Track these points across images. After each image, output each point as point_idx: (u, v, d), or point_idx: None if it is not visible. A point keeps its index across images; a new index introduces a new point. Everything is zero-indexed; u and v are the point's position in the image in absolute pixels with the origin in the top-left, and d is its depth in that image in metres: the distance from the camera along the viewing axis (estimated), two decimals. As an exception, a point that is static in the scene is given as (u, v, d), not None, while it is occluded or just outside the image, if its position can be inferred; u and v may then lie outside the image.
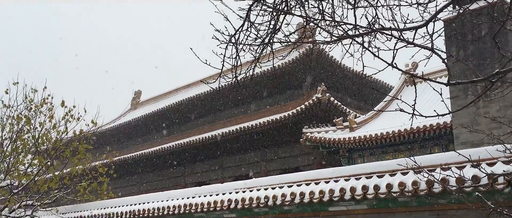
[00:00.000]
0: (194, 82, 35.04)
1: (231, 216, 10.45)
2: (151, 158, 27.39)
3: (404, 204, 7.83)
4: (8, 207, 14.31)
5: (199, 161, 26.46)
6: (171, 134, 30.82)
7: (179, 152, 26.03)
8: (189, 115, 29.44)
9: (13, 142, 14.22)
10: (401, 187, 7.53)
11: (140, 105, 39.86)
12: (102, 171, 15.89)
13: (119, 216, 12.85)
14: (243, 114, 26.52)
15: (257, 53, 5.39)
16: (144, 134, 32.93)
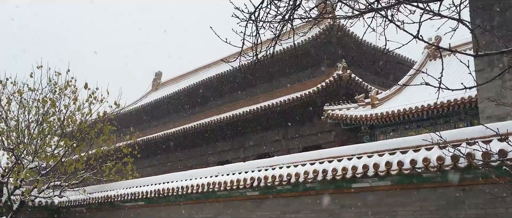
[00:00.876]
0: (214, 62, 35.07)
1: (254, 194, 10.53)
2: (173, 138, 27.69)
3: (429, 179, 7.76)
4: (37, 187, 14.72)
5: (221, 140, 26.64)
6: (192, 114, 31.05)
7: (200, 132, 26.23)
8: (209, 94, 29.56)
9: (40, 125, 14.51)
10: (426, 162, 7.45)
11: (161, 86, 40.17)
12: (126, 152, 16.15)
13: (144, 195, 13.08)
14: (263, 93, 26.49)
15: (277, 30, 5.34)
16: (166, 114, 33.24)
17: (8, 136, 14.35)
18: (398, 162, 7.81)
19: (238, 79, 27.23)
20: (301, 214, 9.59)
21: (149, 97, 37.68)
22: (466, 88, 3.43)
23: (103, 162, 16.01)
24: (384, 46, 4.07)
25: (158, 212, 13.18)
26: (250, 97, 27.25)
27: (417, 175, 7.78)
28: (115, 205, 14.53)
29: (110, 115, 16.00)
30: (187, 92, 29.95)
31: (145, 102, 33.85)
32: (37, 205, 16.13)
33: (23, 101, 14.68)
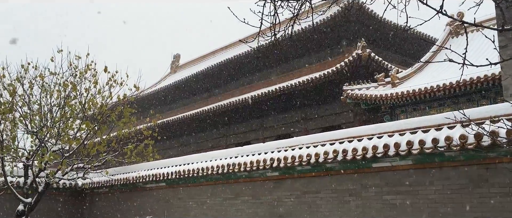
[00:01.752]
0: (232, 44, 34.99)
1: (274, 174, 10.57)
2: (193, 120, 27.87)
3: (451, 158, 7.66)
4: (61, 170, 15.03)
5: (240, 121, 26.72)
6: (211, 96, 31.15)
7: (219, 114, 26.33)
8: (228, 76, 29.57)
9: (62, 108, 14.73)
10: (448, 141, 7.34)
11: (180, 69, 40.34)
12: (147, 134, 16.32)
13: (165, 176, 13.25)
14: (282, 73, 26.37)
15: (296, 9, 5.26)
16: (185, 96, 33.42)
17: (31, 120, 14.62)
18: (420, 141, 7.71)
19: (256, 61, 27.13)
20: (321, 194, 9.60)
21: (167, 80, 37.90)
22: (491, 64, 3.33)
23: (124, 144, 16.22)
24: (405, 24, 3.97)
25: (179, 193, 13.35)
26: (269, 78, 27.17)
27: (439, 154, 7.69)
28: (137, 186, 14.78)
29: (130, 98, 16.14)
30: (206, 74, 30.01)
31: (164, 85, 34.05)
32: (61, 186, 16.52)
33: (45, 85, 14.89)
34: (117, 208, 15.91)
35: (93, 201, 17.34)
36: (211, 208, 12.18)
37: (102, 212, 16.68)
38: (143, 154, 16.39)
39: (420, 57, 22.61)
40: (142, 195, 14.78)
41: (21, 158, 14.70)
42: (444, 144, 7.41)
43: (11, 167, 15.03)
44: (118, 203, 15.94)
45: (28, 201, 14.64)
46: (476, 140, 6.99)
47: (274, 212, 10.49)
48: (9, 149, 14.09)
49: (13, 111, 14.09)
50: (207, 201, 12.37)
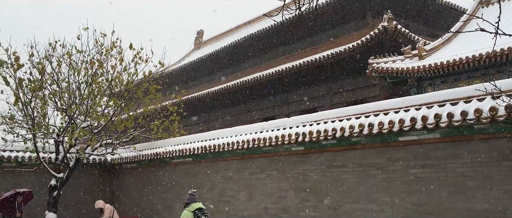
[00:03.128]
0: (256, 18, 34.74)
1: (299, 149, 10.58)
2: (218, 96, 28.00)
3: (481, 131, 7.51)
4: (90, 146, 15.39)
5: (264, 97, 26.70)
6: (235, 72, 31.16)
7: (244, 89, 26.36)
8: (252, 51, 29.45)
9: (89, 85, 14.99)
10: (477, 113, 7.19)
11: (203, 45, 40.38)
12: (172, 110, 16.51)
13: (191, 151, 13.43)
14: (306, 47, 26.11)
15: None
16: (209, 72, 33.53)
17: (60, 97, 14.94)
18: (448, 113, 7.57)
19: (280, 35, 26.91)
20: (346, 168, 9.58)
21: (191, 56, 38.03)
22: (526, 32, 3.21)
23: (151, 120, 16.48)
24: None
25: (205, 167, 13.54)
26: (293, 52, 26.95)
27: (468, 126, 7.55)
28: (164, 161, 15.04)
29: (155, 74, 16.29)
30: (229, 50, 29.97)
31: (188, 62, 34.20)
32: (91, 162, 16.94)
33: (72, 63, 15.14)
34: (145, 183, 16.26)
35: (122, 176, 17.77)
36: (236, 182, 12.33)
37: (131, 186, 17.09)
38: (169, 130, 16.64)
39: (448, 28, 22.01)
40: (169, 170, 15.05)
41: (52, 134, 15.10)
42: (473, 117, 7.27)
43: (43, 143, 15.46)
44: (146, 177, 16.29)
45: (60, 176, 15.09)
46: (507, 112, 6.83)
47: (299, 186, 10.55)
48: (40, 126, 14.48)
49: (43, 88, 14.41)
50: (232, 175, 12.52)
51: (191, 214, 8.09)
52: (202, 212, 8.15)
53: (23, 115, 14.29)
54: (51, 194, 15.11)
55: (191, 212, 8.10)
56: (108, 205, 13.75)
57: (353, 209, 9.32)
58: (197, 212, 8.13)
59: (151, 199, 15.84)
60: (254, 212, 11.66)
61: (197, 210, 8.15)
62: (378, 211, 8.86)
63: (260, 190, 11.59)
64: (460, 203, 7.71)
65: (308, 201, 10.29)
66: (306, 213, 10.29)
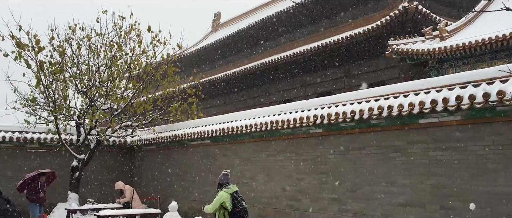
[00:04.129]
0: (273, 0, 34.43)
1: (318, 131, 10.55)
2: (235, 78, 28.01)
3: (503, 113, 7.37)
4: (110, 128, 15.62)
5: (282, 79, 26.61)
6: (252, 54, 31.07)
7: (261, 71, 26.30)
8: (269, 33, 29.28)
9: (108, 68, 15.14)
10: (500, 95, 7.05)
11: (221, 27, 40.27)
12: (191, 92, 16.59)
13: (209, 134, 13.51)
14: (325, 29, 25.83)
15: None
16: (227, 55, 33.50)
17: (81, 80, 15.13)
18: (470, 95, 7.44)
19: (298, 17, 26.65)
20: (365, 151, 9.54)
21: (209, 38, 37.99)
22: (554, 11, 3.10)
23: (169, 102, 16.60)
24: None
25: (223, 149, 13.62)
26: (311, 35, 26.69)
27: (490, 109, 7.41)
28: (182, 143, 15.18)
29: (173, 57, 16.36)
30: (247, 32, 29.84)
31: (206, 44, 34.19)
32: (111, 144, 17.20)
33: (92, 46, 15.28)
34: (164, 164, 16.47)
35: (141, 157, 18.02)
36: (254, 164, 12.39)
37: (150, 168, 17.33)
38: (188, 112, 16.75)
39: (472, 7, 21.49)
40: (188, 151, 15.19)
41: (73, 116, 15.34)
42: (496, 99, 7.13)
43: (64, 125, 15.73)
44: (164, 159, 16.48)
45: (82, 157, 15.37)
46: (531, 94, 6.67)
47: (318, 168, 10.56)
48: (61, 108, 14.71)
49: (64, 71, 14.61)
50: (250, 157, 12.57)
51: (229, 196, 7.81)
52: (239, 195, 7.91)
53: (45, 97, 14.54)
54: (73, 174, 15.42)
55: (230, 194, 7.83)
56: (128, 186, 14.00)
57: (371, 192, 9.30)
58: (235, 195, 7.89)
59: (169, 180, 16.05)
60: (272, 194, 11.73)
61: (235, 193, 7.89)
62: (397, 194, 8.83)
63: (278, 172, 11.64)
64: (480, 186, 7.63)
65: (326, 183, 10.30)
66: (325, 195, 10.31)
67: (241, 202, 7.82)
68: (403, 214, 8.68)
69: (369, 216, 9.28)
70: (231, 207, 7.71)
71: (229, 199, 7.79)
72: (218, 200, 7.77)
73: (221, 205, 7.76)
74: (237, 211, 7.77)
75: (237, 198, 7.82)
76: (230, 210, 7.70)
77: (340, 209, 9.90)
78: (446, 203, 8.04)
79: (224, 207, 7.75)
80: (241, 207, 7.78)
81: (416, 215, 8.45)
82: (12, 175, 15.44)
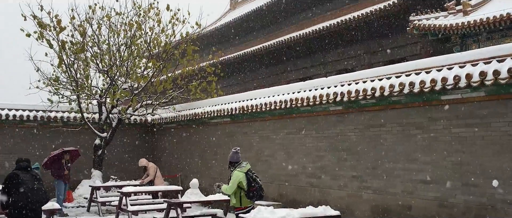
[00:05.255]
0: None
1: (337, 108, 10.51)
2: (254, 56, 27.94)
3: (529, 89, 7.21)
4: (131, 106, 15.83)
5: (301, 57, 26.44)
6: (271, 31, 30.87)
7: (280, 49, 26.16)
8: (288, 10, 29.00)
9: (128, 47, 15.27)
10: (526, 71, 6.88)
11: (239, 4, 40.01)
12: (210, 71, 16.64)
13: (229, 111, 13.58)
14: (345, 5, 25.44)
15: None
16: (246, 33, 33.37)
17: (101, 59, 15.31)
18: (494, 71, 7.28)
19: (317, -7, 26.28)
20: (385, 128, 9.48)
21: (227, 16, 37.83)
22: None
23: (189, 81, 16.70)
24: None
25: (243, 127, 13.70)
26: (331, 11, 26.32)
27: (515, 84, 7.25)
28: (202, 122, 15.30)
29: (192, 36, 16.38)
30: (265, 10, 29.60)
31: (224, 22, 34.08)
32: (132, 122, 17.46)
33: (112, 25, 15.39)
34: (184, 142, 16.66)
35: (162, 136, 18.25)
36: (274, 142, 12.44)
37: (170, 146, 17.56)
38: (207, 91, 16.84)
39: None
40: (208, 129, 15.32)
41: (95, 95, 15.58)
42: (521, 74, 6.97)
43: (86, 104, 16.01)
44: (185, 137, 16.66)
45: (104, 136, 15.66)
46: (559, 68, 6.50)
47: (337, 146, 10.55)
48: (83, 87, 14.95)
49: (85, 50, 14.78)
50: (270, 135, 12.62)
51: (244, 176, 7.72)
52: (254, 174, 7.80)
53: (67, 77, 14.78)
54: (96, 152, 15.74)
55: (244, 173, 7.75)
56: (152, 164, 14.24)
57: (392, 169, 9.28)
58: (249, 173, 7.81)
59: (190, 158, 16.25)
60: (291, 172, 11.79)
61: (249, 171, 7.80)
62: (418, 171, 8.78)
63: (297, 150, 11.67)
64: (504, 163, 7.53)
65: (346, 161, 10.30)
66: (344, 172, 10.32)
67: (256, 180, 7.77)
68: (424, 191, 8.66)
69: (390, 193, 9.28)
70: (247, 186, 7.72)
71: (244, 178, 7.75)
72: (235, 180, 7.69)
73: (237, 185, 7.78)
74: (252, 189, 7.77)
75: (251, 176, 7.78)
76: (246, 189, 7.71)
77: (360, 186, 9.91)
78: (468, 180, 7.97)
79: (240, 187, 7.76)
80: (257, 185, 7.76)
81: (438, 192, 8.42)
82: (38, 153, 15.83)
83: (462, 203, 8.02)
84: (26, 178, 6.95)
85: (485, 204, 7.71)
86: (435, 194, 8.46)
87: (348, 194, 10.18)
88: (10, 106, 15.84)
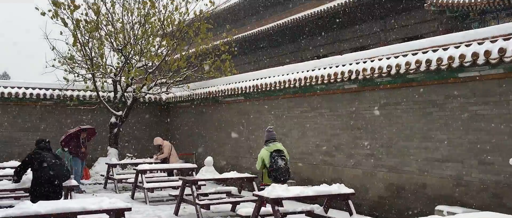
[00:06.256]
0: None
1: (352, 86, 10.42)
2: (268, 35, 27.74)
3: (550, 66, 7.05)
4: (146, 85, 15.90)
5: (315, 35, 26.18)
6: (285, 9, 30.54)
7: (294, 27, 25.91)
8: (302, -12, 28.60)
9: (142, 26, 15.26)
10: (548, 47, 6.71)
11: (253, -18, 39.54)
12: (224, 49, 16.58)
13: (243, 90, 13.57)
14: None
15: None
16: (259, 10, 33.09)
17: (116, 38, 15.34)
18: (514, 47, 7.11)
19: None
20: (401, 106, 9.38)
21: (241, -6, 37.46)
22: None
23: (203, 59, 16.68)
24: None
25: (257, 106, 13.69)
26: (345, -12, 25.88)
27: (536, 61, 7.09)
28: (216, 100, 15.33)
29: (206, 13, 16.28)
30: (279, -13, 29.26)
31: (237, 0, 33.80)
32: (147, 101, 17.57)
33: (125, 3, 15.37)
34: (198, 121, 16.74)
35: (176, 114, 18.36)
36: (288, 120, 12.42)
37: (185, 124, 17.67)
38: (221, 69, 16.82)
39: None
40: (221, 108, 15.36)
41: (110, 74, 15.67)
42: (542, 51, 6.80)
43: (101, 83, 16.12)
44: (199, 116, 16.74)
45: (119, 114, 15.80)
46: None
47: (352, 124, 10.49)
48: (98, 66, 15.04)
49: (99, 29, 14.82)
50: (284, 114, 12.60)
51: (268, 155, 7.85)
52: (279, 155, 7.91)
53: (82, 55, 14.86)
54: (111, 131, 15.92)
55: (269, 152, 7.86)
56: (167, 142, 14.36)
57: (407, 147, 9.21)
58: (274, 154, 7.91)
59: (204, 136, 16.35)
60: (306, 150, 11.79)
61: (274, 152, 7.90)
62: (433, 149, 8.71)
63: (312, 128, 11.65)
64: (522, 142, 7.42)
65: (361, 139, 10.25)
66: (359, 150, 10.29)
67: (277, 161, 7.84)
68: (439, 170, 8.59)
69: (405, 171, 9.24)
70: (268, 166, 7.80)
71: (268, 157, 7.81)
72: (260, 157, 7.94)
73: (263, 162, 7.85)
74: (270, 170, 7.83)
75: (274, 157, 7.83)
76: (269, 168, 7.80)
77: (375, 164, 9.88)
78: (485, 158, 7.89)
79: (265, 165, 7.86)
80: (275, 166, 7.81)
81: (454, 171, 8.35)
82: (55, 132, 16.06)
83: (478, 181, 7.96)
84: (48, 155, 7.26)
85: (501, 182, 7.63)
86: (450, 172, 8.40)
87: (363, 172, 10.16)
88: (27, 85, 16.05)
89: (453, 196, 8.31)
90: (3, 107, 15.80)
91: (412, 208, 8.98)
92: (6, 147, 15.70)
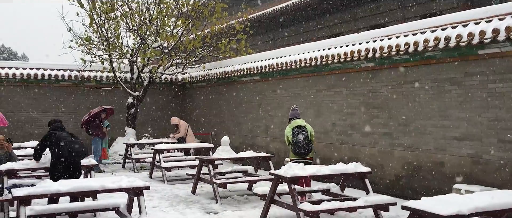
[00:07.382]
0: None
1: (369, 65, 10.31)
2: (283, 13, 27.48)
3: None
4: (162, 65, 15.97)
5: (331, 13, 25.84)
6: (301, -12, 30.13)
7: (310, 5, 25.60)
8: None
9: (157, 6, 15.24)
10: None
11: (268, -40, 39.05)
12: (239, 29, 16.50)
13: (258, 69, 13.53)
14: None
15: None
16: (274, -11, 32.73)
17: (131, 18, 15.37)
18: (537, 23, 6.94)
19: None
20: (419, 84, 9.26)
21: (256, -27, 37.06)
22: None
23: (218, 39, 16.64)
24: None
25: (273, 85, 13.66)
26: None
27: (559, 37, 6.91)
28: (232, 80, 15.33)
29: (221, -8, 16.17)
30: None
31: (253, -21, 33.46)
32: (163, 81, 17.67)
33: (140, -17, 15.34)
34: (214, 101, 16.79)
35: (192, 94, 18.44)
36: (304, 99, 12.38)
37: (201, 104, 17.75)
38: (237, 49, 16.77)
39: None
40: (237, 88, 15.36)
41: (126, 54, 15.76)
42: None
43: (118, 64, 16.23)
44: (215, 95, 16.79)
45: (136, 95, 15.94)
46: None
47: (369, 103, 10.41)
48: (114, 47, 15.12)
49: (115, 10, 14.85)
50: (300, 93, 12.56)
51: (290, 131, 8.35)
52: (300, 130, 8.34)
53: (99, 36, 14.94)
54: (129, 111, 16.09)
55: (291, 128, 8.36)
56: (183, 122, 14.47)
57: (425, 126, 9.12)
58: (295, 130, 8.32)
59: (220, 116, 16.41)
60: (322, 129, 11.77)
61: (296, 128, 8.35)
62: (451, 128, 8.61)
63: (328, 107, 11.60)
64: (543, 119, 7.29)
65: (378, 118, 10.18)
66: (375, 129, 10.23)
67: (297, 136, 8.23)
68: (457, 148, 8.51)
69: (422, 149, 9.17)
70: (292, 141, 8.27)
71: (291, 133, 8.33)
72: (285, 135, 8.50)
73: (288, 139, 8.38)
74: (294, 144, 8.30)
75: (295, 132, 8.27)
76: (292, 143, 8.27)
77: (392, 143, 9.83)
78: (505, 136, 7.77)
79: (289, 142, 8.32)
80: (295, 140, 8.20)
81: (472, 149, 8.26)
82: (73, 112, 16.30)
83: (496, 159, 7.87)
84: (63, 134, 7.37)
85: (521, 161, 7.53)
86: (469, 151, 8.31)
87: (379, 151, 10.12)
88: (45, 67, 16.25)
89: (471, 174, 8.24)
90: (23, 88, 16.06)
91: (429, 186, 8.93)
92: (26, 127, 16.01)
